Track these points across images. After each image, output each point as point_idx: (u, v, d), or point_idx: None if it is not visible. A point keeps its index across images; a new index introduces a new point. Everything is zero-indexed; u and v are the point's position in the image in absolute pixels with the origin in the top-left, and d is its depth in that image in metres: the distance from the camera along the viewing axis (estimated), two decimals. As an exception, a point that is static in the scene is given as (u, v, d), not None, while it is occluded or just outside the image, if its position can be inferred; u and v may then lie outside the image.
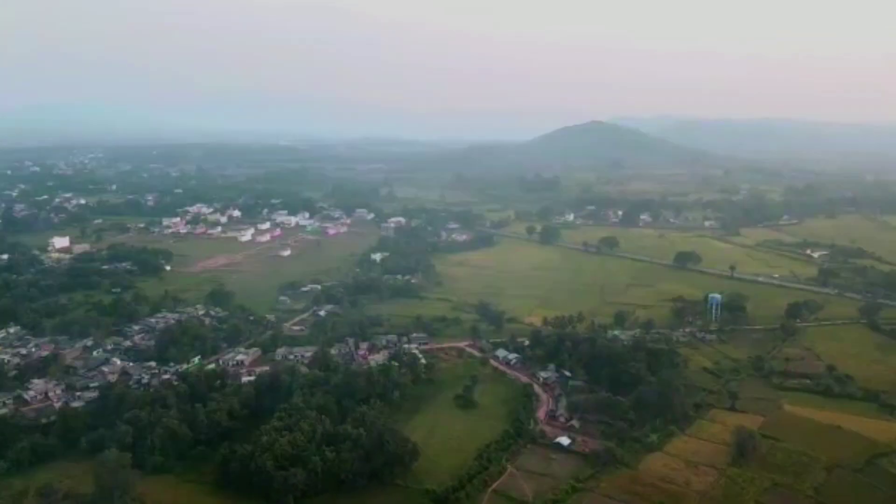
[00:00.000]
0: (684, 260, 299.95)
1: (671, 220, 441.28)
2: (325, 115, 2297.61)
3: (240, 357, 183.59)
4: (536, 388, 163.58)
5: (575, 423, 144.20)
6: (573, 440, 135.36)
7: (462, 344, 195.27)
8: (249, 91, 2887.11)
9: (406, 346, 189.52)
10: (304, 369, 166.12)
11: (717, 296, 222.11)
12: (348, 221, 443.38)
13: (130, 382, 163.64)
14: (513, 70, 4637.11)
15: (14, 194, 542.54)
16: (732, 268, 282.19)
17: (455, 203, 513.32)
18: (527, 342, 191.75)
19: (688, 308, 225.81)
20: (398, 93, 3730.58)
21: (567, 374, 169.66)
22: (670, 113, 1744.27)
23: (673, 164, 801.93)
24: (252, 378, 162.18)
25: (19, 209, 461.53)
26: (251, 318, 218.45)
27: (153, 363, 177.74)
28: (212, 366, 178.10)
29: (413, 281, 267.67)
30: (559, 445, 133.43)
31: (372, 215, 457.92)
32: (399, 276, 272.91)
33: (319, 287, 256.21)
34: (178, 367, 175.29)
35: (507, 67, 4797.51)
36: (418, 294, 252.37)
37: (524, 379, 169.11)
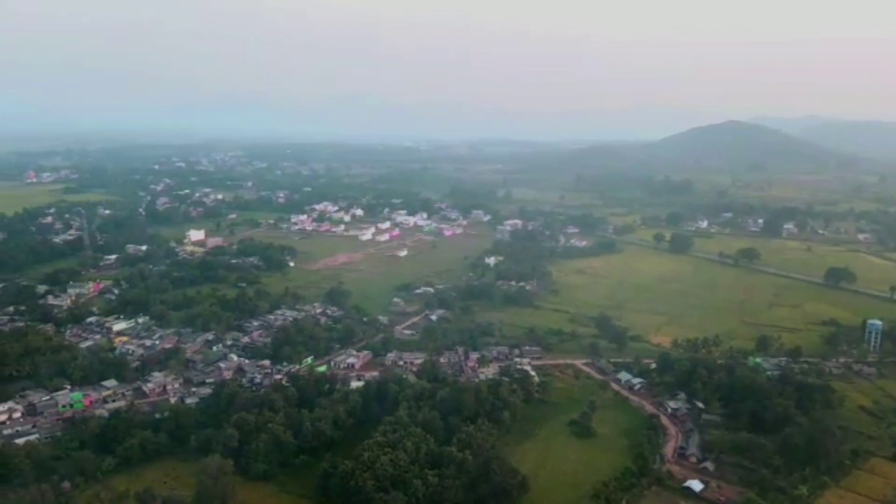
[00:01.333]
0: (836, 277, 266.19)
1: (819, 231, 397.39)
2: (448, 118, 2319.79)
3: (350, 360, 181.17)
4: (664, 419, 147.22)
5: (708, 464, 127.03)
6: (706, 485, 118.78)
7: (579, 362, 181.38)
8: (375, 97, 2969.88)
9: (518, 360, 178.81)
10: (412, 377, 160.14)
11: (878, 322, 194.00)
12: (464, 223, 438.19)
13: (244, 380, 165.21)
14: (641, 69, 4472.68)
15: (159, 188, 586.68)
16: (893, 289, 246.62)
17: (575, 206, 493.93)
18: (653, 365, 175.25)
19: (842, 334, 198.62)
20: (518, 95, 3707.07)
21: (700, 405, 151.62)
22: (817, 113, 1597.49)
23: (820, 168, 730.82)
24: (361, 383, 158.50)
25: (162, 202, 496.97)
26: (365, 318, 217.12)
27: (267, 361, 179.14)
28: (323, 367, 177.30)
29: (528, 288, 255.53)
30: (689, 490, 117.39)
31: (488, 217, 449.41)
32: (513, 283, 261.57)
33: (432, 290, 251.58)
34: (290, 366, 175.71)
35: (635, 67, 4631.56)
36: (532, 303, 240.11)
37: (649, 408, 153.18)
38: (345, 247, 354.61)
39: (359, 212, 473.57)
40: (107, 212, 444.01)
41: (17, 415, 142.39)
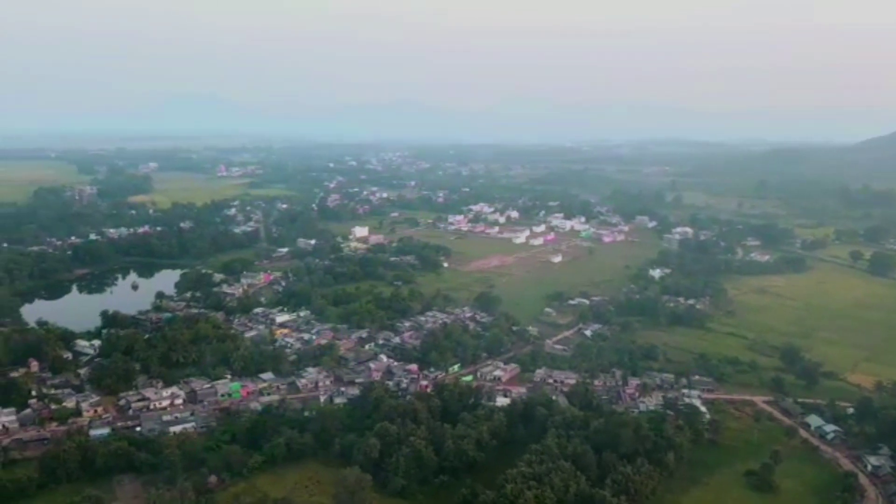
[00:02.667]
0: None
1: None
2: (614, 118, 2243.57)
3: (497, 372, 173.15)
4: (862, 479, 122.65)
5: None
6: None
7: (759, 399, 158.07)
8: (539, 100, 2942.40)
9: (685, 391, 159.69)
10: (562, 400, 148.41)
11: None
12: (626, 229, 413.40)
13: (391, 383, 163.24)
14: (834, 62, 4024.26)
15: (331, 185, 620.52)
16: None
17: (755, 215, 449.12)
18: (851, 410, 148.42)
19: None
20: (692, 92, 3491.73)
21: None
22: None
23: None
24: (507, 400, 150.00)
25: (333, 199, 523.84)
26: (514, 327, 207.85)
27: (415, 366, 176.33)
28: (469, 377, 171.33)
29: (698, 306, 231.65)
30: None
31: (653, 223, 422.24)
32: (681, 299, 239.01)
33: (588, 302, 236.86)
34: (437, 373, 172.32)
35: (828, 60, 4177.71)
36: (704, 324, 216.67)
37: (845, 463, 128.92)
38: (498, 249, 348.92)
39: (514, 213, 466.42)
40: (283, 206, 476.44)
41: (178, 401, 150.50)
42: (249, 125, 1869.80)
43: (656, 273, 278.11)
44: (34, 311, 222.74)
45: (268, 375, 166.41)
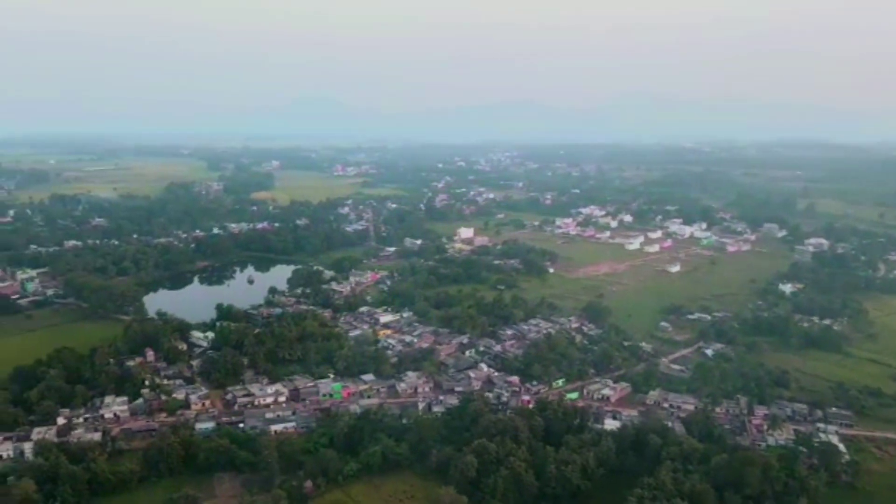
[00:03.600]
0: None
1: None
2: (737, 116, 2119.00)
3: (606, 391, 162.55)
4: None
5: None
6: None
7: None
8: (649, 96, 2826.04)
9: (820, 425, 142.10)
10: (679, 428, 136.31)
11: None
12: (753, 238, 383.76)
13: (490, 395, 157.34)
14: None
15: (439, 185, 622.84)
16: None
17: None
18: None
19: None
20: (825, 86, 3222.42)
21: None
22: None
23: None
24: (616, 424, 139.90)
25: (440, 199, 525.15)
26: (625, 342, 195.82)
27: (516, 378, 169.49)
28: (574, 394, 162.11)
29: (835, 328, 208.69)
30: None
31: (783, 232, 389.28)
32: (815, 319, 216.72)
33: (709, 317, 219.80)
34: (539, 387, 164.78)
35: None
36: (841, 348, 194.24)
37: None
38: (608, 255, 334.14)
39: (627, 218, 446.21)
40: (393, 205, 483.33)
41: (282, 398, 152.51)
42: (370, 128, 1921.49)
43: (787, 288, 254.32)
44: (156, 301, 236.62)
45: (369, 377, 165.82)
